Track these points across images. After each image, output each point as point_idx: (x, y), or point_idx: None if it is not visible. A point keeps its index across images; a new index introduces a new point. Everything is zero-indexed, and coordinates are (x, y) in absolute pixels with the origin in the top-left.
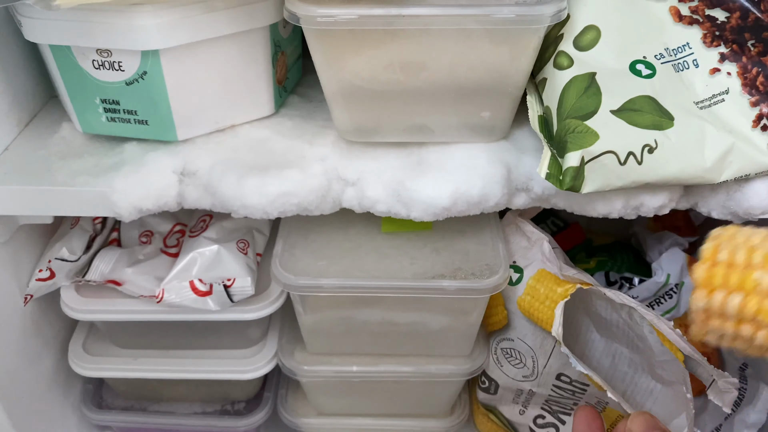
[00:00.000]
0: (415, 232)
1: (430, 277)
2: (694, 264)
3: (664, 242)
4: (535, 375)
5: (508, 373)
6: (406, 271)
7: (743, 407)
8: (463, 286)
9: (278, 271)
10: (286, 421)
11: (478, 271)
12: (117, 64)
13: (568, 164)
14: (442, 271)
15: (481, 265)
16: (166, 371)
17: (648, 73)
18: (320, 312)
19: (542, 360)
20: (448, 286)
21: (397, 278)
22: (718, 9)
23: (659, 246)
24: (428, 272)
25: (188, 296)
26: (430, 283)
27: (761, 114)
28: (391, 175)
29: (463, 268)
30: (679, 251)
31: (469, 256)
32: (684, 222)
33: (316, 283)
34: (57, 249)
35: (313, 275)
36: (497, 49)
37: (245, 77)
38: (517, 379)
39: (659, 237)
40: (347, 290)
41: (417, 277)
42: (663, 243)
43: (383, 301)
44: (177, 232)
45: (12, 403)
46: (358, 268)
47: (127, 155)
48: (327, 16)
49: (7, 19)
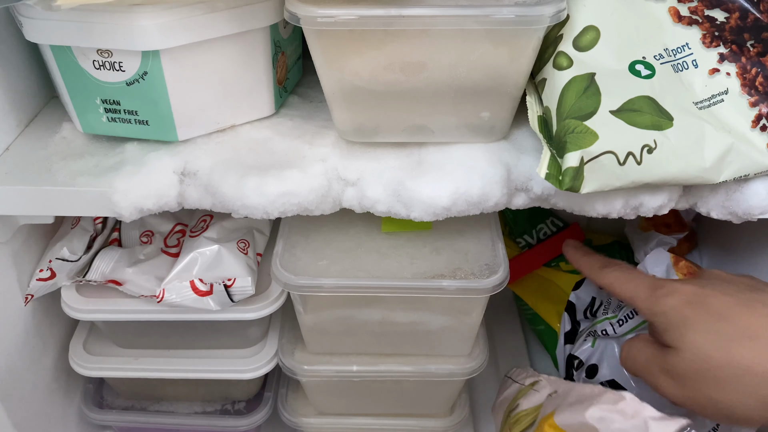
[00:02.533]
0: (415, 232)
1: (430, 277)
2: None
3: (650, 242)
4: None
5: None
6: (406, 271)
7: None
8: (462, 286)
9: (278, 271)
10: (286, 420)
11: (478, 271)
12: (117, 65)
13: (567, 164)
14: (441, 271)
15: (480, 264)
16: (166, 371)
17: (647, 74)
18: (320, 312)
19: None
20: (447, 286)
21: (397, 278)
22: (718, 9)
23: (645, 246)
24: (428, 272)
25: (189, 296)
26: (429, 283)
27: (760, 114)
28: (391, 175)
29: (462, 268)
30: (664, 251)
31: (469, 256)
32: (674, 218)
33: (316, 282)
34: (58, 249)
35: (313, 275)
36: (497, 50)
37: (246, 78)
38: None
39: (646, 237)
40: (347, 290)
41: (417, 276)
42: (649, 243)
43: (383, 300)
44: (177, 232)
45: (12, 402)
46: (358, 267)
47: (128, 155)
48: (327, 16)
49: (7, 20)
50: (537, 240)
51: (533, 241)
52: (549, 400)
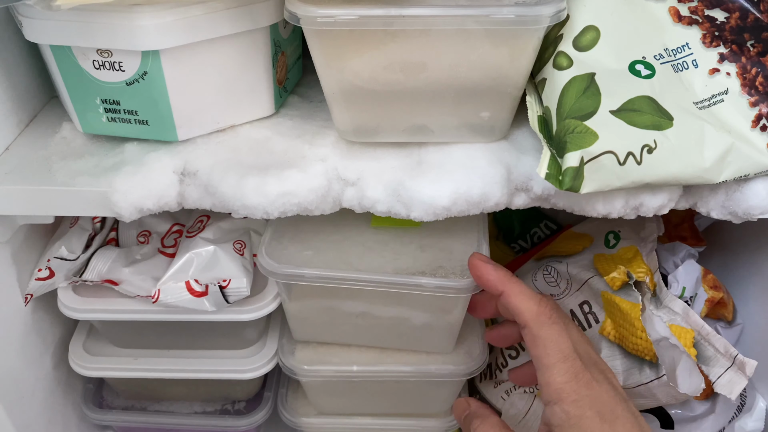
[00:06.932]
0: (404, 229)
1: (411, 274)
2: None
3: (677, 253)
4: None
5: (539, 288)
6: (389, 266)
7: (742, 415)
8: (441, 284)
9: (263, 259)
10: (286, 420)
11: (459, 271)
12: (117, 65)
13: (567, 164)
14: (423, 269)
15: (462, 264)
16: (166, 371)
17: (647, 74)
18: (304, 300)
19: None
20: (426, 284)
21: (378, 272)
22: (718, 9)
23: (673, 257)
24: (410, 268)
25: (184, 297)
26: (409, 279)
27: (760, 114)
28: (391, 175)
29: (444, 267)
30: (695, 263)
31: (453, 255)
32: (690, 232)
33: (298, 272)
34: (56, 248)
35: (298, 264)
36: (497, 50)
37: (246, 77)
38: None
39: (672, 248)
40: (328, 281)
41: (398, 272)
42: (677, 254)
43: (364, 293)
44: (175, 232)
45: (12, 402)
46: (342, 260)
47: (128, 155)
48: (327, 16)
49: (7, 20)
50: (531, 244)
51: (527, 245)
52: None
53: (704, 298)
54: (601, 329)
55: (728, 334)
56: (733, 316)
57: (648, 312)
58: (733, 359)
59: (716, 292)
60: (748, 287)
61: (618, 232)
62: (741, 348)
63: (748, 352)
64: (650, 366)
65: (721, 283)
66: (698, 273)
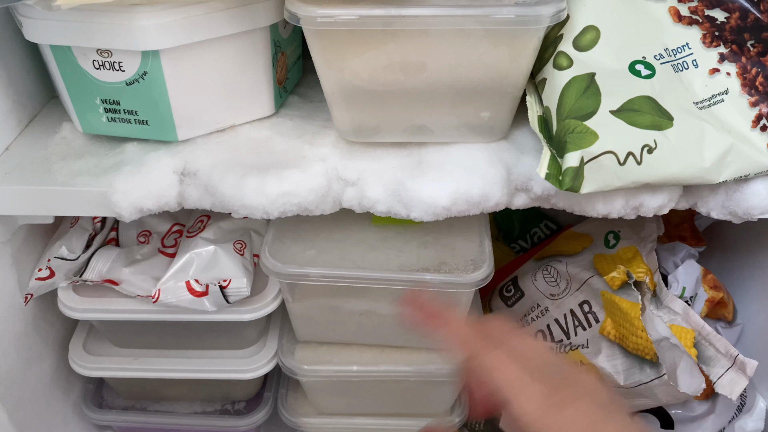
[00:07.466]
0: (405, 226)
1: (415, 270)
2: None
3: (677, 253)
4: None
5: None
6: (392, 264)
7: (742, 415)
8: (446, 280)
9: (267, 259)
10: (286, 420)
11: (462, 266)
12: (117, 65)
13: (567, 164)
14: (427, 265)
15: (466, 260)
16: (166, 371)
17: (647, 74)
18: (308, 300)
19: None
20: (431, 280)
21: (382, 270)
22: (718, 9)
23: (673, 257)
24: (414, 265)
25: (184, 297)
26: (413, 276)
27: (760, 114)
28: (391, 175)
29: (448, 263)
30: (695, 263)
31: (456, 251)
32: (690, 232)
33: (302, 271)
34: (57, 248)
35: (301, 264)
36: (497, 50)
37: (245, 77)
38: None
39: (672, 248)
40: (333, 279)
41: (402, 269)
42: (677, 254)
43: (368, 291)
44: (175, 232)
45: (13, 402)
46: (346, 258)
47: (128, 155)
48: (327, 16)
49: (7, 20)
50: (532, 244)
51: (528, 245)
52: None
53: (704, 298)
54: (602, 329)
55: (728, 334)
56: (733, 316)
57: (648, 312)
58: (733, 359)
59: (716, 292)
60: (748, 287)
61: (618, 232)
62: (741, 348)
63: (748, 352)
64: (650, 365)
65: (721, 283)
66: (698, 273)
